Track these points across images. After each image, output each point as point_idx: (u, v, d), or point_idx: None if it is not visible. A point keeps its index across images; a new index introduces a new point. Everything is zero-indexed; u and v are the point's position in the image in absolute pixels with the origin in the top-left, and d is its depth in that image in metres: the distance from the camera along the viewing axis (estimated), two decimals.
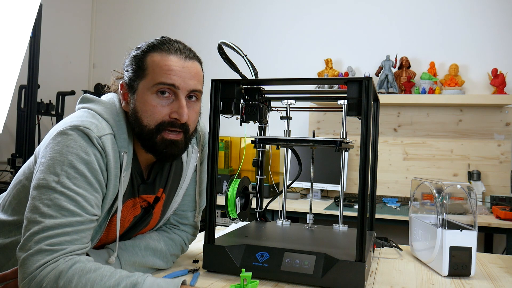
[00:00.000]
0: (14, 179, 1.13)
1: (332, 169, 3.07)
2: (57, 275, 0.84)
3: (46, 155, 0.94)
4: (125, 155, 1.02)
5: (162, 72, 1.01)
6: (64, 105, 3.57)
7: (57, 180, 0.90)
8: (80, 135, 0.95)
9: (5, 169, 3.23)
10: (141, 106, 1.03)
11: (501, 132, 3.06)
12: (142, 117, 1.03)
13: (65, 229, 0.88)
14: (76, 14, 4.12)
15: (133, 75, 1.05)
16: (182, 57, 1.04)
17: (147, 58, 1.03)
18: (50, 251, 0.86)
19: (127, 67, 1.07)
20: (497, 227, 2.44)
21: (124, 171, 1.02)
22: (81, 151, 0.94)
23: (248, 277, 0.95)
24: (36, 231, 0.86)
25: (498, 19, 3.13)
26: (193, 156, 1.24)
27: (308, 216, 1.42)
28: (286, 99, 1.30)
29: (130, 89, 1.05)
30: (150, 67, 1.03)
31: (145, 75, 1.03)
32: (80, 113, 1.02)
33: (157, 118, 1.02)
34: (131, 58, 1.07)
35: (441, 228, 1.19)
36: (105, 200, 0.99)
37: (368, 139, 1.03)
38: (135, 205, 1.11)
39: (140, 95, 1.03)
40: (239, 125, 1.27)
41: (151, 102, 1.02)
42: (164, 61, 1.02)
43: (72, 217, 0.89)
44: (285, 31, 3.64)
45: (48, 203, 0.89)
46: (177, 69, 1.02)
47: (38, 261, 0.85)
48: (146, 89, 1.02)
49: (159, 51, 1.03)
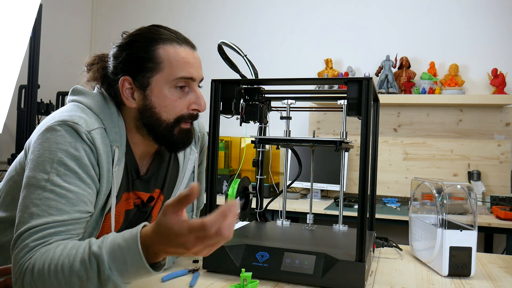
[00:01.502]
0: (6, 174, 1.11)
1: (332, 169, 3.07)
2: (31, 268, 0.83)
3: (35, 152, 0.93)
4: (116, 149, 0.99)
5: (180, 65, 1.00)
6: (64, 105, 3.57)
7: (46, 178, 0.89)
8: (68, 131, 0.93)
9: (5, 169, 3.23)
10: (159, 101, 1.00)
11: (501, 132, 3.06)
12: (161, 112, 1.01)
13: (51, 225, 0.87)
14: (76, 14, 4.12)
15: (143, 69, 1.00)
16: (189, 46, 1.04)
17: (158, 51, 1.00)
18: (32, 246, 0.85)
19: (127, 61, 1.01)
20: (497, 227, 2.44)
21: (116, 166, 1.00)
22: (70, 147, 0.92)
23: (248, 277, 0.96)
24: (23, 231, 0.86)
25: (498, 19, 3.13)
26: (191, 157, 1.22)
27: (308, 216, 1.42)
28: (286, 99, 1.30)
29: (140, 84, 1.00)
30: (165, 60, 0.99)
31: (160, 68, 1.00)
32: (69, 107, 1.01)
33: (177, 111, 1.02)
34: (134, 51, 1.00)
35: (441, 228, 1.19)
36: (99, 195, 0.97)
37: (368, 139, 1.03)
38: (128, 200, 1.09)
39: (157, 90, 1.00)
40: (239, 125, 1.27)
41: (171, 96, 1.01)
42: (178, 53, 1.01)
43: (59, 216, 0.88)
44: (285, 31, 3.64)
45: (37, 202, 0.88)
46: (192, 61, 1.02)
47: (21, 258, 0.85)
48: (163, 84, 1.00)
49: (169, 43, 1.01)
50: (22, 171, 1.03)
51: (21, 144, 3.07)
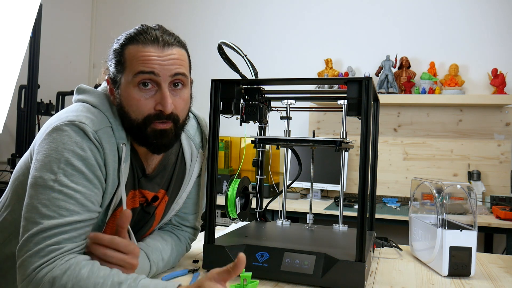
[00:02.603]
0: (11, 178, 1.10)
1: (332, 169, 3.07)
2: (51, 281, 0.83)
3: (42, 152, 0.92)
4: (123, 146, 1.00)
5: (139, 62, 0.98)
6: (64, 105, 3.57)
7: (54, 178, 0.89)
8: (75, 131, 0.93)
9: (5, 169, 3.23)
10: (125, 101, 1.00)
11: (501, 132, 3.06)
12: (129, 111, 1.00)
13: (63, 228, 0.87)
14: (76, 14, 4.12)
15: (114, 69, 1.02)
16: (160, 45, 1.00)
17: (125, 51, 1.00)
18: (48, 252, 0.85)
19: (110, 61, 1.04)
20: (497, 227, 2.45)
21: (124, 163, 1.00)
22: (77, 147, 0.92)
23: (248, 277, 0.96)
24: (35, 233, 0.86)
25: (498, 19, 3.13)
26: (198, 160, 1.21)
27: (308, 216, 1.42)
28: (286, 99, 1.30)
29: (114, 83, 1.03)
30: (128, 60, 1.00)
31: (124, 68, 1.00)
32: (75, 107, 1.01)
33: (143, 111, 0.99)
34: (112, 51, 1.04)
35: (441, 228, 1.19)
36: (104, 194, 0.98)
37: (368, 139, 1.03)
38: (134, 198, 1.09)
39: (123, 90, 1.00)
40: (239, 125, 1.27)
41: (134, 95, 0.99)
42: (140, 51, 0.99)
43: (70, 217, 0.88)
44: (285, 31, 3.64)
45: (46, 203, 0.88)
46: (154, 57, 0.99)
47: (35, 262, 0.84)
48: (127, 83, 1.00)
49: (136, 43, 1.00)
50: (27, 171, 1.02)
51: (21, 144, 3.07)
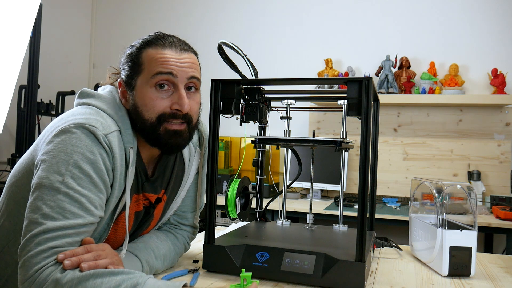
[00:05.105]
0: (7, 182, 1.08)
1: (332, 169, 3.07)
2: (55, 281, 0.82)
3: (49, 153, 0.92)
4: (131, 150, 1.01)
5: (158, 63, 1.01)
6: (64, 105, 3.57)
7: (61, 180, 0.89)
8: (86, 134, 0.93)
9: (5, 169, 3.23)
10: (140, 101, 1.02)
11: (501, 132, 3.06)
12: (142, 111, 1.02)
13: (66, 231, 0.87)
14: (76, 14, 4.12)
15: (130, 72, 1.04)
16: (177, 50, 1.04)
17: (142, 54, 1.03)
18: (50, 253, 0.85)
19: (123, 65, 1.07)
20: (497, 227, 2.45)
21: (131, 167, 1.01)
22: (87, 150, 0.92)
23: (248, 277, 0.96)
24: (38, 233, 0.85)
25: (498, 19, 3.13)
26: (196, 158, 1.23)
27: (308, 216, 1.42)
28: (286, 99, 1.30)
29: (128, 86, 1.05)
30: (146, 61, 1.02)
31: (141, 70, 1.03)
32: (82, 109, 1.00)
33: (158, 110, 1.01)
34: (126, 56, 1.06)
35: (441, 228, 1.19)
36: (110, 198, 0.98)
37: (368, 139, 1.03)
38: (138, 201, 1.10)
39: (139, 91, 1.03)
40: (239, 125, 1.27)
41: (150, 95, 1.01)
42: (159, 54, 1.02)
43: (74, 220, 0.88)
44: (285, 31, 3.64)
45: (51, 204, 0.87)
46: (172, 59, 1.02)
47: (37, 263, 0.84)
48: (144, 84, 1.02)
49: (154, 46, 1.03)
50: (26, 174, 1.01)
51: (21, 144, 3.07)
